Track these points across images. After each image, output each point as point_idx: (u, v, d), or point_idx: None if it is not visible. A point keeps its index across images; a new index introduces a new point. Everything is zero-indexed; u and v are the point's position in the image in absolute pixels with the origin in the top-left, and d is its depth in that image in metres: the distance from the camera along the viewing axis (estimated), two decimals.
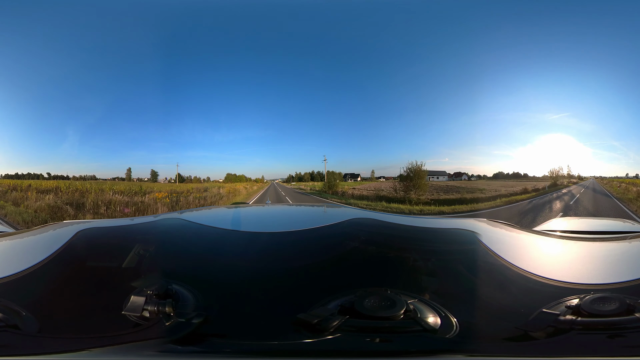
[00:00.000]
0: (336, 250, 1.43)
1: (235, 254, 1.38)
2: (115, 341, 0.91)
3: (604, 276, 1.23)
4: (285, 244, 1.47)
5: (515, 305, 1.03)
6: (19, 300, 1.00)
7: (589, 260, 1.44)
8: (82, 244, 1.45)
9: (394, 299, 0.94)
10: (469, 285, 1.14)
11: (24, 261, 1.22)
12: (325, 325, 0.88)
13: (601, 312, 0.92)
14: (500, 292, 1.12)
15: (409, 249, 1.45)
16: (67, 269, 1.25)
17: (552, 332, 0.91)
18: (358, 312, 0.91)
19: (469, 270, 1.22)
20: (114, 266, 1.24)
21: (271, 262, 1.29)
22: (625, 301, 0.94)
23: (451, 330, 0.91)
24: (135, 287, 0.99)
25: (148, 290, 0.95)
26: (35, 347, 0.91)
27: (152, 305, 0.91)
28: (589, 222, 3.28)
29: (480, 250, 1.36)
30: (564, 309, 0.95)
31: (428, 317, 0.93)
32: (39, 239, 1.65)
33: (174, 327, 0.90)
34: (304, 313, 0.91)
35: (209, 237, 1.62)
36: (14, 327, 0.92)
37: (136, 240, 1.45)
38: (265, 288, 1.10)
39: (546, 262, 1.44)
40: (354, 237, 1.55)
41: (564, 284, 1.09)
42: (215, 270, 1.24)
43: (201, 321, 0.91)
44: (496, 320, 0.99)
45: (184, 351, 0.87)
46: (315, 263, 1.29)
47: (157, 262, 1.26)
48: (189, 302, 0.98)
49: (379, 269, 1.23)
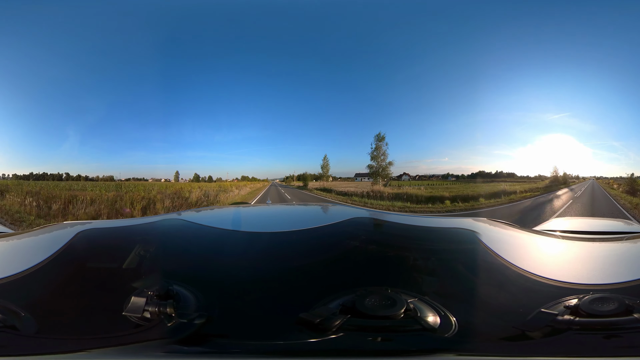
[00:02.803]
0: (337, 249, 1.43)
1: (236, 254, 1.38)
2: (116, 342, 0.91)
3: (603, 276, 1.23)
4: (286, 243, 1.47)
5: (514, 305, 1.04)
6: (18, 301, 0.99)
7: (589, 261, 1.45)
8: (83, 244, 1.45)
9: (395, 298, 0.95)
10: (468, 285, 1.14)
11: (24, 262, 1.21)
12: (328, 325, 0.88)
13: (600, 312, 0.92)
14: (500, 291, 1.12)
15: (409, 248, 1.45)
16: (67, 269, 1.25)
17: (550, 332, 0.92)
18: (359, 311, 0.91)
19: (468, 269, 1.23)
20: (114, 267, 1.24)
21: (272, 261, 1.30)
22: (624, 301, 0.94)
23: (450, 330, 0.91)
24: (135, 288, 0.98)
25: (149, 291, 0.95)
26: (33, 347, 0.90)
27: (153, 306, 0.91)
28: (588, 222, 3.28)
29: (480, 250, 1.36)
30: (563, 309, 0.95)
31: (428, 316, 0.93)
32: (39, 240, 1.64)
33: (175, 328, 0.89)
34: (305, 312, 0.92)
35: (210, 238, 1.62)
36: (13, 328, 0.91)
37: (137, 241, 1.45)
38: (267, 288, 1.10)
39: (546, 262, 1.44)
40: (354, 237, 1.56)
41: (563, 284, 1.09)
42: (216, 271, 1.24)
43: (203, 322, 0.91)
44: (495, 320, 0.99)
45: (189, 352, 0.87)
46: (316, 262, 1.29)
47: (157, 263, 1.26)
48: (190, 302, 0.98)
49: (380, 268, 1.23)
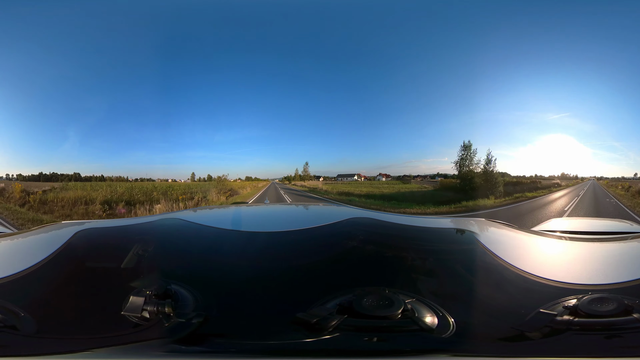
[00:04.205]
0: (335, 249, 1.43)
1: (233, 254, 1.38)
2: (115, 342, 0.90)
3: (603, 277, 1.23)
4: (283, 243, 1.47)
5: (513, 306, 1.03)
6: (17, 301, 0.99)
7: (588, 261, 1.45)
8: (81, 244, 1.45)
9: (392, 298, 0.94)
10: (466, 285, 1.14)
11: (22, 262, 1.21)
12: (324, 325, 0.88)
13: (599, 312, 0.92)
14: (498, 292, 1.12)
15: (407, 248, 1.45)
16: (65, 269, 1.25)
17: (549, 332, 0.91)
18: (356, 311, 0.91)
19: (466, 270, 1.22)
20: (112, 266, 1.24)
21: (270, 261, 1.30)
22: (624, 302, 0.94)
23: (447, 330, 0.91)
24: (134, 288, 0.98)
25: (147, 290, 0.95)
26: (33, 348, 0.90)
27: (152, 305, 0.91)
28: (588, 222, 3.28)
29: (479, 250, 1.36)
30: (562, 309, 0.94)
31: (425, 316, 0.93)
32: (37, 240, 1.64)
33: (174, 328, 0.89)
34: (302, 312, 0.92)
35: (208, 237, 1.62)
36: (12, 328, 0.91)
37: (135, 241, 1.45)
38: (264, 287, 1.10)
39: (544, 262, 1.44)
40: (352, 237, 1.55)
41: (562, 284, 1.09)
42: (214, 270, 1.24)
43: (201, 321, 0.91)
44: (493, 320, 0.99)
45: (188, 351, 0.87)
46: (313, 262, 1.29)
47: (155, 262, 1.26)
48: (188, 302, 0.98)
49: (377, 268, 1.23)
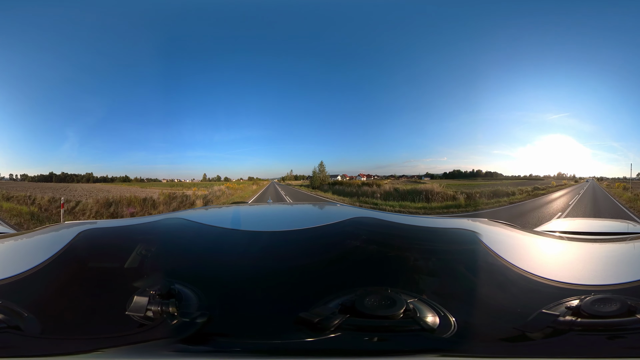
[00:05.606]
0: (337, 249, 1.43)
1: (236, 253, 1.38)
2: (122, 342, 0.91)
3: (605, 277, 1.23)
4: (286, 242, 1.48)
5: (515, 306, 1.03)
6: (21, 302, 0.99)
7: (590, 261, 1.44)
8: (84, 244, 1.46)
9: (394, 298, 0.95)
10: (468, 285, 1.14)
11: (26, 262, 1.22)
12: (327, 324, 0.88)
13: (602, 313, 0.91)
14: (500, 292, 1.12)
15: (410, 248, 1.45)
16: (69, 269, 1.25)
17: (551, 332, 0.91)
18: (359, 311, 0.92)
19: (469, 270, 1.22)
20: (116, 266, 1.24)
21: (272, 261, 1.30)
22: (627, 302, 0.93)
23: (449, 330, 0.91)
24: (138, 287, 0.99)
25: (151, 290, 0.96)
26: (37, 348, 0.90)
27: (156, 305, 0.91)
28: (589, 222, 3.28)
29: (481, 251, 1.36)
30: (564, 310, 0.94)
31: (427, 316, 0.93)
32: (40, 240, 1.65)
33: (178, 327, 0.90)
34: (305, 312, 0.92)
35: (211, 237, 1.62)
36: (16, 329, 0.91)
37: (138, 241, 1.45)
38: (267, 287, 1.11)
39: (547, 262, 1.44)
40: (354, 236, 1.55)
41: (565, 284, 1.08)
42: (217, 270, 1.24)
43: (205, 320, 0.91)
44: (495, 321, 0.99)
45: (193, 350, 0.88)
46: (316, 262, 1.29)
47: (159, 262, 1.26)
48: (191, 301, 0.98)
49: (380, 268, 1.23)
